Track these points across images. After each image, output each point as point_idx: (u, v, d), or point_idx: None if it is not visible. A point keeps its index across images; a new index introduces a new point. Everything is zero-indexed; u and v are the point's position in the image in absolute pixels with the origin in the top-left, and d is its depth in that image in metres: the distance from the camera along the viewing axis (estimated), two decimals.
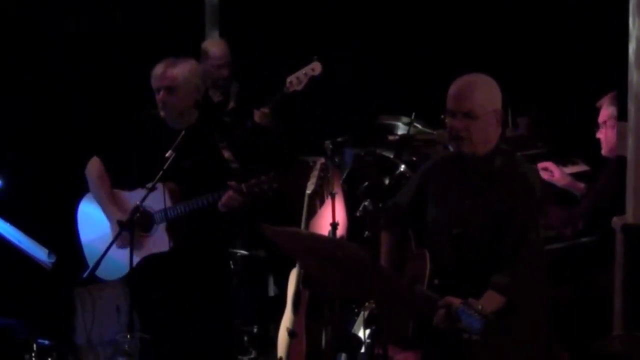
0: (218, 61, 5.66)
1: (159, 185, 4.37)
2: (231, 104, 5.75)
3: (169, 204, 4.39)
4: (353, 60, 6.50)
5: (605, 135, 4.91)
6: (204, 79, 4.70)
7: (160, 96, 4.45)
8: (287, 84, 5.33)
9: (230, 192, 4.26)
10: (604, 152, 4.95)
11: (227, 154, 4.49)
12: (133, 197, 4.45)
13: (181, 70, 4.46)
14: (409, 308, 3.63)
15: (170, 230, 4.44)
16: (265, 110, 5.34)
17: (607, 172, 4.89)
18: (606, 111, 4.90)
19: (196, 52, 6.04)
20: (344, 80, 6.43)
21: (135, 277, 4.40)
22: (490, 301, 3.46)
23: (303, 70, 5.33)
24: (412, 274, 3.76)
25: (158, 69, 4.49)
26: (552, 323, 4.02)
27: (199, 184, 4.39)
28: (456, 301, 3.40)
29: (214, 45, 5.83)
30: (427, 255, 3.69)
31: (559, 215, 4.88)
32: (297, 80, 5.32)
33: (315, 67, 5.32)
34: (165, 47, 5.94)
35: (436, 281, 3.66)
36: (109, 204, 4.53)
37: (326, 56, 5.69)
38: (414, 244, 3.85)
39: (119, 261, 4.41)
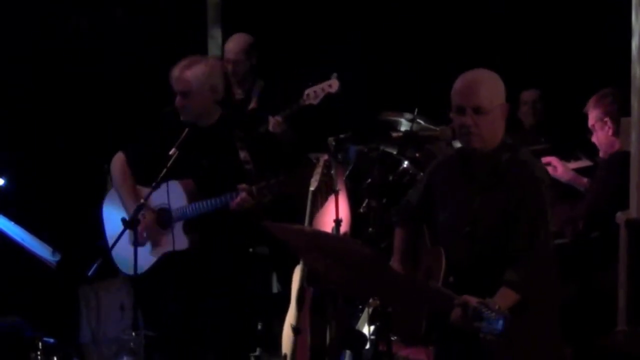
0: (228, 55, 5.64)
1: (176, 183, 4.37)
2: (252, 103, 5.73)
3: (186, 201, 4.39)
4: (356, 57, 6.50)
5: (597, 138, 4.93)
6: (224, 77, 4.62)
7: (177, 100, 4.41)
8: (304, 97, 5.33)
9: (242, 195, 4.26)
10: (601, 154, 4.97)
11: (243, 155, 4.44)
12: (155, 194, 4.40)
13: (195, 72, 4.38)
14: (421, 305, 3.62)
15: (187, 229, 4.43)
16: (279, 119, 5.35)
17: (603, 172, 4.91)
18: (591, 115, 4.93)
19: (198, 50, 6.03)
20: (347, 75, 6.42)
21: (151, 274, 4.40)
22: (505, 298, 3.44)
23: (321, 85, 5.33)
24: (427, 270, 3.76)
25: (175, 72, 4.41)
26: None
27: (216, 183, 4.37)
28: (473, 300, 3.36)
29: (231, 40, 5.80)
30: (443, 252, 3.69)
31: (559, 215, 4.88)
32: (314, 94, 5.33)
33: (332, 84, 5.33)
34: (168, 45, 5.96)
35: (451, 279, 3.65)
36: (129, 200, 4.48)
37: (328, 52, 5.69)
38: (429, 240, 3.84)
39: (140, 258, 4.37)
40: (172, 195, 4.38)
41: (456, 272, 3.65)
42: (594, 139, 4.96)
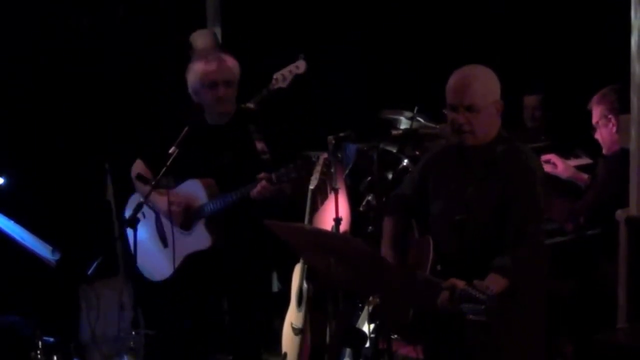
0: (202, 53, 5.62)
1: (196, 181, 4.36)
2: None
3: (206, 199, 4.36)
4: (355, 55, 6.50)
5: (601, 135, 4.92)
6: None
7: (221, 91, 4.35)
8: (273, 81, 5.36)
9: (262, 183, 4.22)
10: (604, 151, 4.96)
11: (260, 146, 4.38)
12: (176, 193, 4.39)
13: (233, 61, 4.39)
14: (410, 294, 3.63)
15: (209, 227, 4.40)
16: (251, 105, 5.34)
17: (606, 168, 4.90)
18: (595, 112, 4.92)
19: None
20: (347, 74, 6.42)
21: (174, 276, 4.37)
22: (494, 283, 3.44)
23: (288, 68, 5.38)
24: (415, 261, 3.77)
25: (210, 65, 4.35)
26: (556, 316, 4.02)
27: (238, 179, 4.33)
28: (460, 282, 3.38)
29: (199, 37, 5.79)
30: (431, 242, 3.70)
31: (561, 209, 4.88)
32: (282, 77, 5.36)
33: (299, 65, 5.37)
34: (168, 45, 5.96)
35: (439, 267, 3.67)
36: (155, 194, 4.37)
37: (329, 50, 5.68)
38: (417, 231, 3.85)
39: (163, 262, 4.40)
40: (192, 194, 4.36)
41: (444, 261, 3.66)
42: (597, 135, 4.95)
